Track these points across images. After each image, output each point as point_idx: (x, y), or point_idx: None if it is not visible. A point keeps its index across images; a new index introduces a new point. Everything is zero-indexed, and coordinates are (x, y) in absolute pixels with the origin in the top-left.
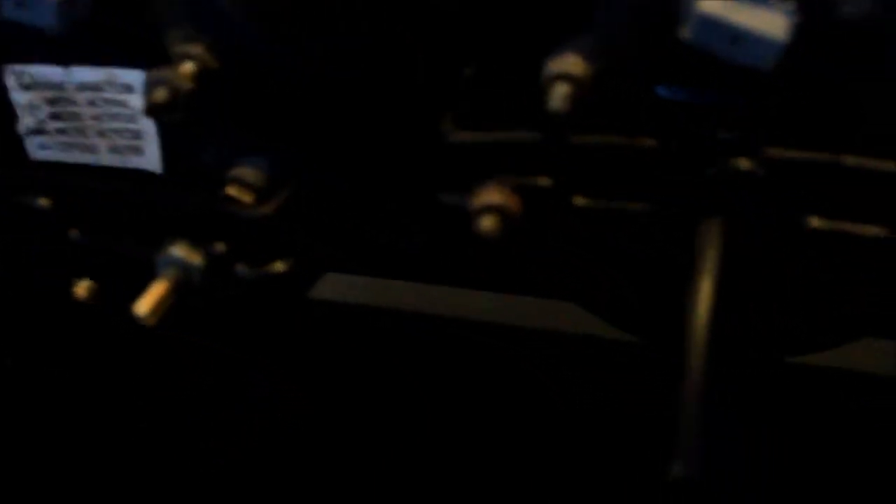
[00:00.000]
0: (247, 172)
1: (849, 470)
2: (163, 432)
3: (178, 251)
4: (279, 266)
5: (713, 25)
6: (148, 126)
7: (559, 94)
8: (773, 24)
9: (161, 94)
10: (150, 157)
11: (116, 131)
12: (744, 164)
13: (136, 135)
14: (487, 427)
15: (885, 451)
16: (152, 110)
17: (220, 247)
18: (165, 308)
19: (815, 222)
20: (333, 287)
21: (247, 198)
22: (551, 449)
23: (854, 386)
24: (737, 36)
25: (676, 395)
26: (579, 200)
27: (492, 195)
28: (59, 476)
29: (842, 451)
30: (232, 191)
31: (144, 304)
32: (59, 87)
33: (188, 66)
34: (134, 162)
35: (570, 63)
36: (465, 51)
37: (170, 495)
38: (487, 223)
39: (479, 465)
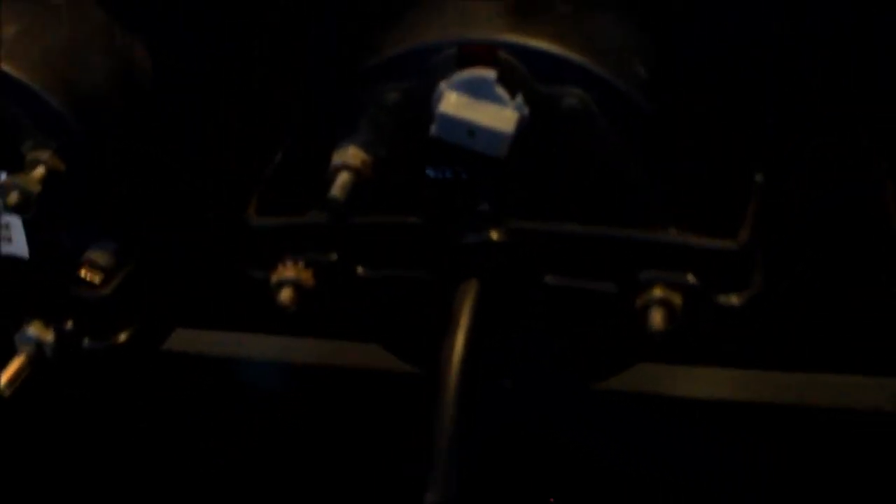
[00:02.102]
0: (97, 255)
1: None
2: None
3: (33, 329)
4: (122, 337)
5: (453, 122)
6: (15, 220)
7: (339, 183)
8: (503, 119)
9: (13, 197)
10: (19, 245)
11: None
12: (494, 234)
13: (6, 228)
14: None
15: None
16: (10, 209)
17: (69, 324)
18: (22, 379)
19: (551, 279)
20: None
21: (96, 278)
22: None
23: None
24: (472, 130)
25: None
26: (361, 271)
27: (287, 271)
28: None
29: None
30: (83, 272)
31: (4, 377)
32: None
33: (39, 171)
34: (6, 250)
35: (350, 154)
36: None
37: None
38: (285, 295)
39: None
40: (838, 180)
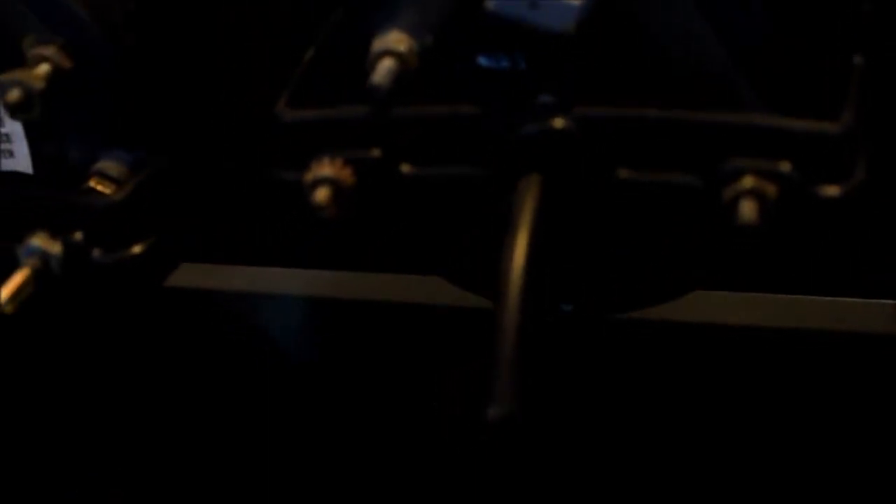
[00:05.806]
0: (108, 165)
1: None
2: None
3: (38, 241)
4: (135, 249)
5: None
6: (16, 129)
7: (382, 70)
8: None
9: (14, 95)
10: (21, 159)
11: None
12: (558, 122)
13: (6, 138)
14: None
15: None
16: (9, 110)
17: (77, 236)
18: (25, 295)
19: (624, 173)
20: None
21: (107, 189)
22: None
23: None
24: (534, 2)
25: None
26: (406, 168)
27: (324, 168)
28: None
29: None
30: (93, 183)
31: (5, 292)
32: None
33: (42, 68)
34: (6, 165)
35: (393, 39)
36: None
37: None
38: (321, 195)
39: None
40: None
